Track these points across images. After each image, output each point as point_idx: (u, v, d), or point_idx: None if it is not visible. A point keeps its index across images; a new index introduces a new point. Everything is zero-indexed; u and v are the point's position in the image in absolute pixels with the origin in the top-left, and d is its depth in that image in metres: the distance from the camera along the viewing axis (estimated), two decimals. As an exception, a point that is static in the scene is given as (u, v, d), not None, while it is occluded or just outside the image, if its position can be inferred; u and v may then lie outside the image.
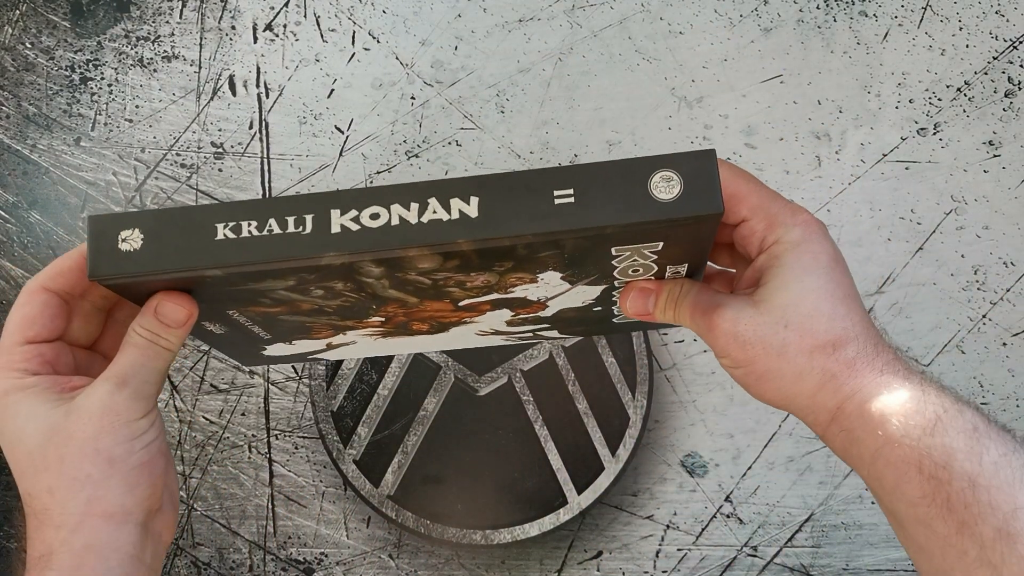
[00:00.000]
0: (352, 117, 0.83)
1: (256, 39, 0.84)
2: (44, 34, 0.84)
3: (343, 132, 0.83)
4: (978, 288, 0.79)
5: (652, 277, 0.48)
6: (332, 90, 0.83)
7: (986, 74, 0.81)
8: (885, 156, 0.81)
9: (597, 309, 0.52)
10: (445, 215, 0.40)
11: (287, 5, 0.84)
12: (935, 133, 0.81)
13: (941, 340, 0.79)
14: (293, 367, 0.80)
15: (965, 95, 0.81)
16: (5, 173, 0.83)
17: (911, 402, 0.42)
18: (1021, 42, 0.82)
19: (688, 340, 0.79)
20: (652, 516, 0.78)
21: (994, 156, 0.80)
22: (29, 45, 0.84)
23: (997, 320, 0.79)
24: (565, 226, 0.40)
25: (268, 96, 0.83)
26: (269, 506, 0.78)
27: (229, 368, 0.80)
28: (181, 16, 0.84)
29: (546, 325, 0.55)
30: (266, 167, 0.82)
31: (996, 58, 0.82)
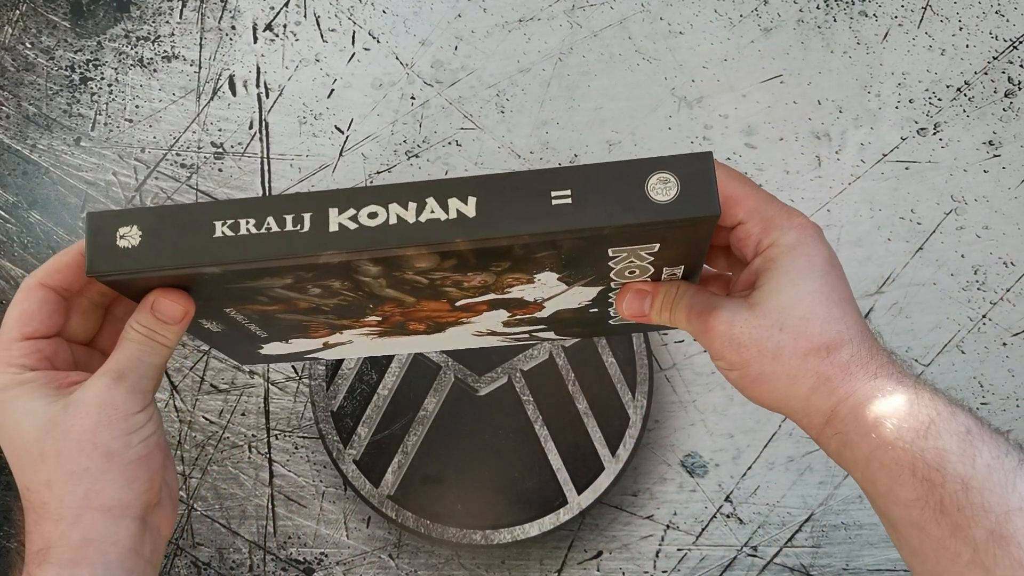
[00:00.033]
0: (352, 117, 0.83)
1: (256, 39, 0.84)
2: (44, 34, 0.84)
3: (343, 132, 0.83)
4: (978, 288, 0.79)
5: (648, 279, 0.48)
6: (332, 90, 0.83)
7: (986, 74, 0.81)
8: (885, 156, 0.81)
9: (593, 310, 0.52)
10: (443, 215, 0.40)
11: (287, 5, 0.84)
12: (935, 133, 0.81)
13: (941, 340, 0.79)
14: (293, 367, 0.80)
15: (965, 95, 0.81)
16: (5, 173, 0.83)
17: (904, 405, 0.42)
18: (1021, 42, 0.82)
19: (688, 340, 0.79)
20: (652, 516, 0.78)
21: (994, 156, 0.80)
22: (29, 45, 0.84)
23: (997, 320, 0.79)
24: (562, 227, 0.40)
25: (268, 96, 0.83)
26: (269, 506, 0.78)
27: (229, 368, 0.80)
28: (181, 16, 0.84)
29: (542, 326, 0.55)
30: (266, 167, 0.82)
31: (996, 58, 0.82)
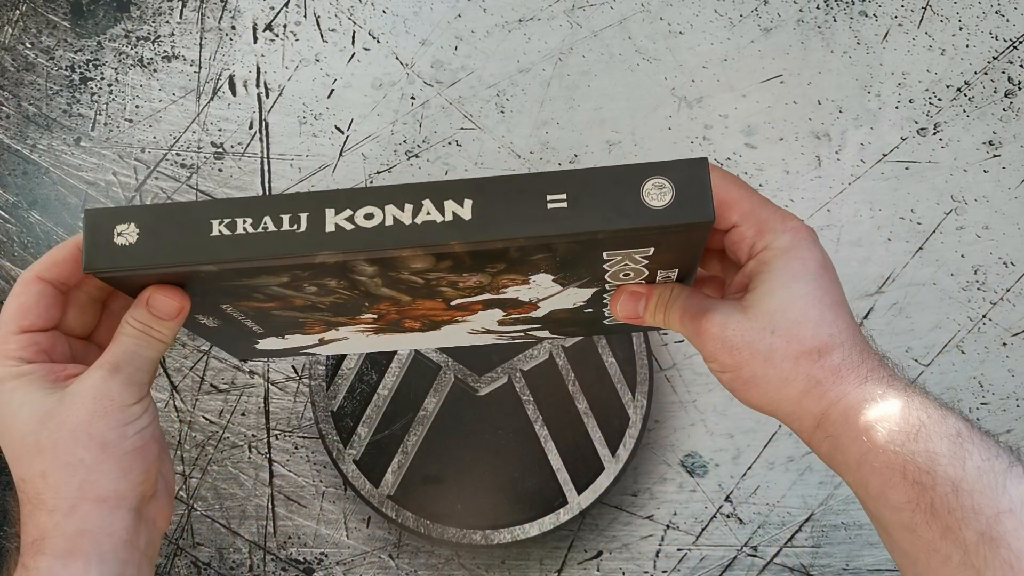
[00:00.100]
0: (352, 117, 0.83)
1: (256, 39, 0.84)
2: (44, 34, 0.84)
3: (343, 132, 0.83)
4: (978, 288, 0.79)
5: (643, 281, 0.48)
6: (332, 90, 0.83)
7: (986, 74, 0.81)
8: (885, 156, 0.81)
9: (588, 311, 0.52)
10: (439, 217, 0.41)
11: (287, 5, 0.84)
12: (935, 133, 0.81)
13: (941, 340, 0.79)
14: (293, 367, 0.80)
15: (965, 95, 0.81)
16: (5, 173, 0.83)
17: (895, 408, 0.42)
18: (1021, 42, 0.82)
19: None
20: (652, 516, 0.78)
21: (994, 156, 0.80)
22: (29, 45, 0.84)
23: (997, 320, 0.79)
24: (557, 231, 0.40)
25: (268, 96, 0.83)
26: (269, 506, 0.78)
27: (229, 368, 0.80)
28: (181, 16, 0.84)
29: (537, 325, 0.55)
30: (266, 167, 0.82)
31: (996, 58, 0.82)
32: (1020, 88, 0.81)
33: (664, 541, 0.77)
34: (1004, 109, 0.81)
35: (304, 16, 0.84)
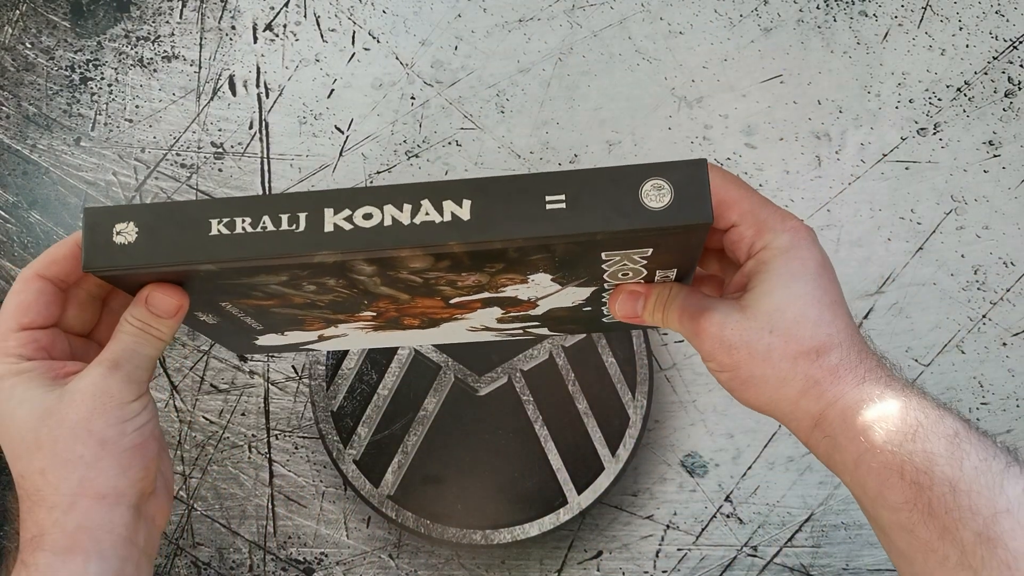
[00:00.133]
0: (352, 117, 0.83)
1: (256, 39, 0.84)
2: (44, 34, 0.84)
3: (343, 132, 0.83)
4: (978, 288, 0.79)
5: (641, 280, 0.48)
6: (332, 90, 0.83)
7: (986, 74, 0.81)
8: (885, 156, 0.81)
9: (587, 309, 0.52)
10: (437, 217, 0.41)
11: (287, 5, 0.84)
12: (935, 133, 0.81)
13: (941, 340, 0.79)
14: (293, 367, 0.80)
15: (965, 95, 0.81)
16: (5, 173, 0.83)
17: (893, 408, 0.42)
18: (1021, 42, 0.82)
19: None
20: (652, 516, 0.78)
21: (994, 156, 0.80)
22: (29, 45, 0.84)
23: (997, 320, 0.79)
24: (556, 231, 0.40)
25: (268, 96, 0.83)
26: (269, 506, 0.78)
27: (229, 368, 0.80)
28: (181, 16, 0.84)
29: (536, 323, 0.55)
30: (266, 167, 0.82)
31: (996, 58, 0.82)
32: (1020, 88, 0.81)
33: (664, 541, 0.77)
34: (1004, 109, 0.81)
35: (304, 16, 0.84)
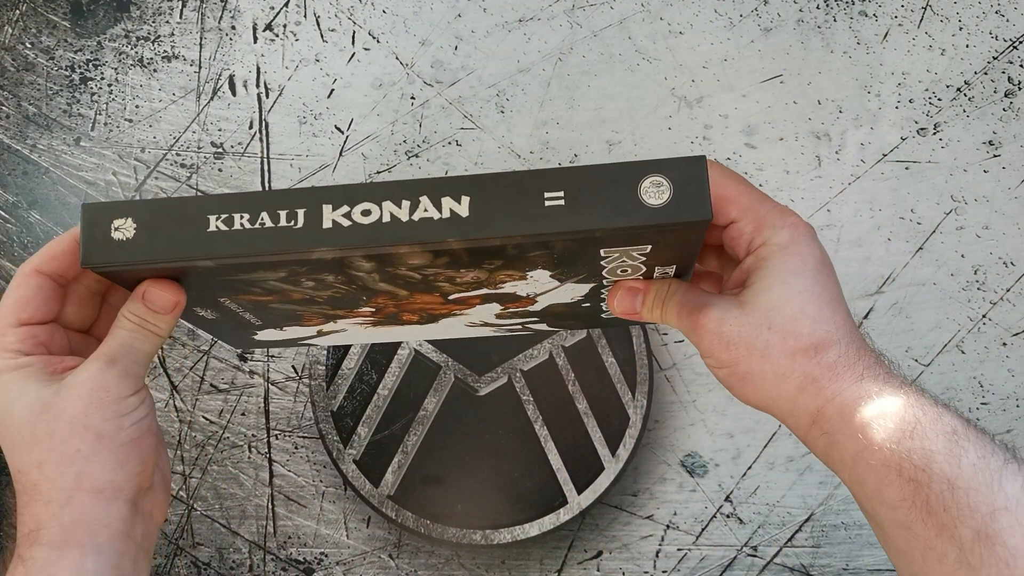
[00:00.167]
0: (352, 117, 0.83)
1: (256, 39, 0.84)
2: (44, 34, 0.84)
3: (343, 132, 0.83)
4: (978, 288, 0.79)
5: (640, 277, 0.48)
6: (332, 90, 0.83)
7: (986, 74, 0.81)
8: (885, 156, 0.81)
9: (586, 305, 0.52)
10: (436, 214, 0.41)
11: (287, 5, 0.84)
12: (935, 133, 0.81)
13: (941, 340, 0.79)
14: (293, 367, 0.80)
15: (965, 95, 0.81)
16: (5, 173, 0.83)
17: (891, 405, 0.42)
18: (1021, 42, 0.82)
19: (688, 340, 0.79)
20: (652, 516, 0.78)
21: (994, 156, 0.80)
22: (29, 45, 0.84)
23: (997, 320, 0.79)
24: (555, 228, 0.40)
25: (268, 96, 0.83)
26: (269, 506, 0.78)
27: (229, 368, 0.80)
28: (181, 16, 0.84)
29: (535, 319, 0.55)
30: (266, 167, 0.82)
31: (996, 58, 0.82)
32: (1020, 88, 0.81)
33: (664, 541, 0.77)
34: (1004, 109, 0.81)
35: (304, 16, 0.84)
